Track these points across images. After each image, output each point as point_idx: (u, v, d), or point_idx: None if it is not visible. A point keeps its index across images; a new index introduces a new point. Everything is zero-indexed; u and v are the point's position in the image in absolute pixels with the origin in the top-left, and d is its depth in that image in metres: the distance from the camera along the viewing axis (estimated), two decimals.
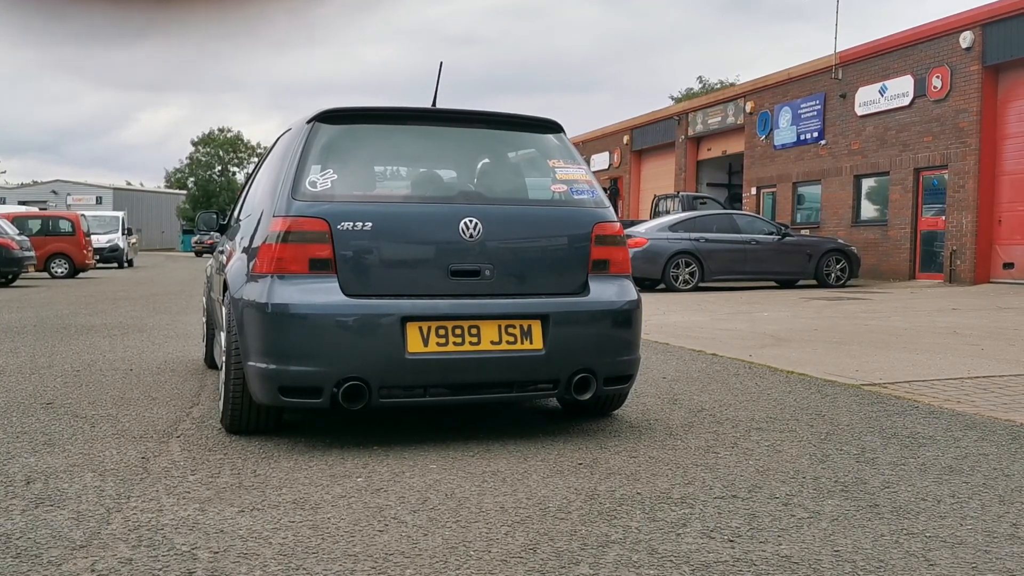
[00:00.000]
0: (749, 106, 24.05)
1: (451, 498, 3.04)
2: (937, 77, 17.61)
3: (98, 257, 26.91)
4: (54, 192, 66.85)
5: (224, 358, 4.08)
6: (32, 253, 19.27)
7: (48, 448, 3.72)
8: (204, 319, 6.27)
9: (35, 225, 23.31)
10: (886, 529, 2.75)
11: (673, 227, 16.40)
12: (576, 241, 4.06)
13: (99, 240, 27.98)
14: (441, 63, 4.55)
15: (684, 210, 20.14)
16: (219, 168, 76.44)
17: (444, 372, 3.74)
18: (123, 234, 30.71)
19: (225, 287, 4.17)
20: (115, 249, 29.94)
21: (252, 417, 3.93)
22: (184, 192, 75.53)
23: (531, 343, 3.81)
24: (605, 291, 4.05)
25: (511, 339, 3.79)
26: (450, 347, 3.71)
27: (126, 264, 30.99)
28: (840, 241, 17.63)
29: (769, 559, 2.48)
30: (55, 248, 22.79)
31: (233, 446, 3.78)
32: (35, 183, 71.80)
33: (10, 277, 18.43)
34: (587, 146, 33.15)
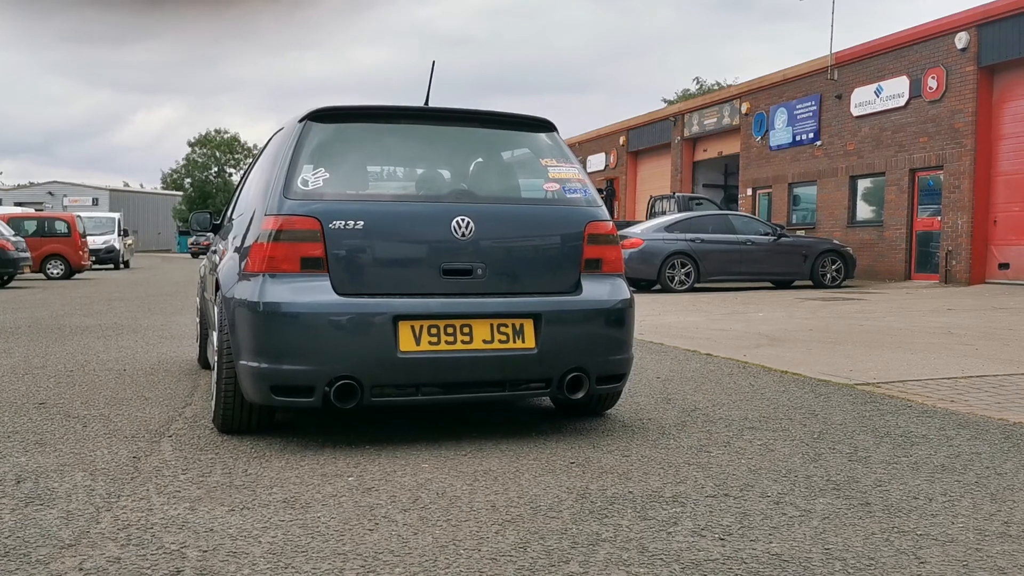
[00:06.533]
0: (745, 107, 24.07)
1: (442, 497, 3.03)
2: (932, 78, 17.64)
3: (94, 258, 26.87)
4: (50, 193, 66.73)
5: (216, 357, 4.07)
6: (28, 254, 19.23)
7: (39, 447, 3.71)
8: (198, 319, 6.26)
9: (31, 226, 23.25)
10: (877, 527, 2.74)
11: (669, 228, 16.41)
12: (569, 240, 4.05)
13: (95, 241, 27.92)
14: (434, 62, 4.54)
15: (680, 211, 20.15)
16: (215, 169, 76.38)
17: (436, 371, 3.73)
18: (119, 235, 30.66)
19: (217, 286, 4.16)
20: (111, 250, 29.88)
21: (244, 416, 3.92)
22: (180, 193, 75.46)
23: (523, 342, 3.81)
24: (598, 290, 4.04)
25: (503, 338, 3.78)
26: (442, 346, 3.70)
27: (122, 265, 30.93)
28: (836, 242, 17.64)
29: (759, 557, 2.48)
30: (51, 249, 22.75)
31: (225, 445, 3.77)
32: (31, 184, 71.68)
33: (5, 278, 18.39)
34: (583, 147, 33.17)
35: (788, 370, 6.05)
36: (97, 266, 28.26)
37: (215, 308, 4.26)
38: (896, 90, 18.61)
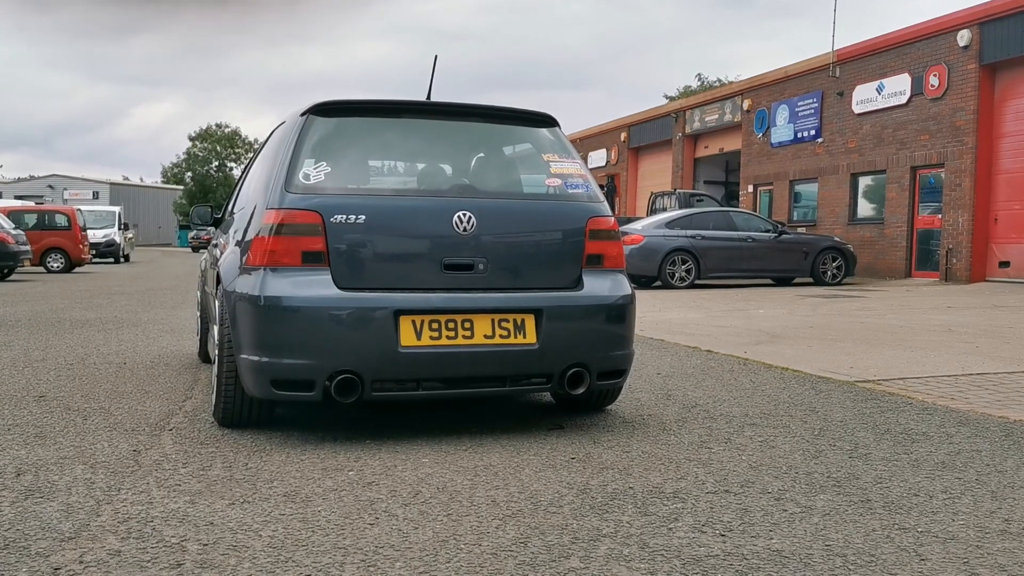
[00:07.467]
0: (746, 104, 24.05)
1: (443, 492, 3.03)
2: (934, 75, 17.62)
3: (94, 252, 26.87)
4: (50, 187, 66.76)
5: (217, 351, 4.07)
6: (28, 247, 19.22)
7: (39, 441, 3.70)
8: (198, 313, 6.26)
9: (31, 219, 23.25)
10: (878, 524, 2.74)
11: (670, 224, 16.40)
12: (570, 235, 4.05)
13: (95, 235, 27.95)
14: (436, 56, 4.54)
15: (681, 207, 20.14)
16: (216, 164, 76.36)
17: (437, 366, 3.73)
18: (120, 229, 30.67)
19: (218, 280, 4.15)
20: (111, 244, 29.90)
21: (244, 410, 3.92)
22: (181, 188, 75.44)
23: (524, 337, 3.80)
24: (599, 286, 4.04)
25: (504, 333, 3.78)
26: (443, 341, 3.70)
27: (122, 259, 30.93)
28: (836, 239, 17.63)
29: (760, 553, 2.47)
30: (51, 243, 22.74)
31: (225, 439, 3.77)
32: (32, 177, 71.70)
33: (6, 272, 18.39)
34: (584, 143, 33.13)
35: (789, 367, 6.04)
36: (97, 260, 28.26)
37: (216, 302, 4.26)
38: (898, 88, 18.58)
